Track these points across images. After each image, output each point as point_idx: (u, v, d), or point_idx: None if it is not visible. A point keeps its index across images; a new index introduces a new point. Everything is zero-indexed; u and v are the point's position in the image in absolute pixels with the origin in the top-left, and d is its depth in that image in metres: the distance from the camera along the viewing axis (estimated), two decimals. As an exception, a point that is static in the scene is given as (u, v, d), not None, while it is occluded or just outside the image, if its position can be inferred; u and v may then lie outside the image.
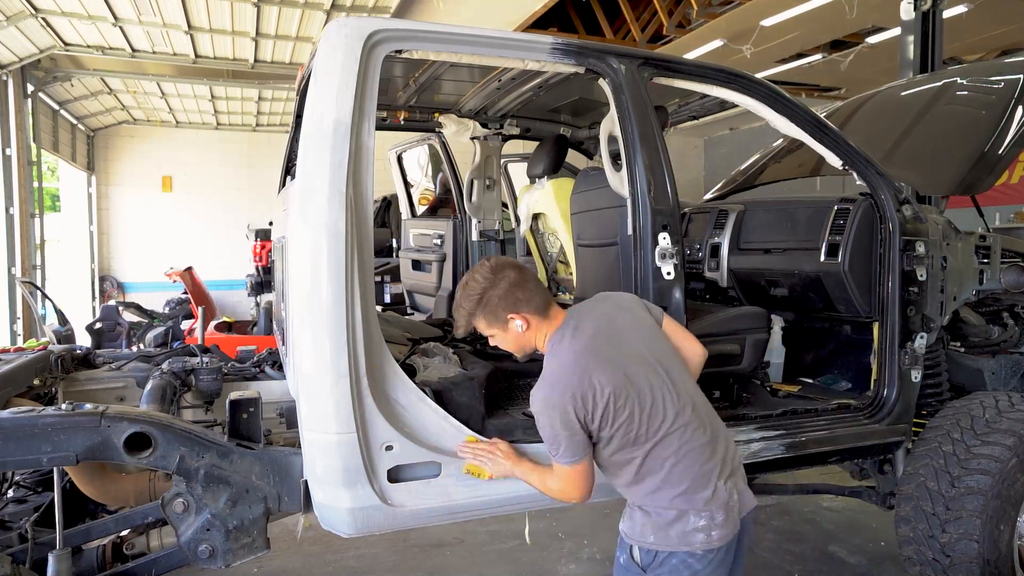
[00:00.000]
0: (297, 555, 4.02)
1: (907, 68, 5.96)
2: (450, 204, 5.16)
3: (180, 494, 2.44)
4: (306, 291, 2.29)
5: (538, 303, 2.22)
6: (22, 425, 2.26)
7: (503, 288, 2.18)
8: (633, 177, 2.65)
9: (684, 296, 2.65)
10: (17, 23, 8.44)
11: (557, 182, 3.91)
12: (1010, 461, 2.85)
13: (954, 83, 3.99)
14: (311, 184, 2.28)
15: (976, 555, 2.79)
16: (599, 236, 3.20)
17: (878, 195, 3.12)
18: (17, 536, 2.55)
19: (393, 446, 2.36)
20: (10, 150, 9.36)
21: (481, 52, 2.58)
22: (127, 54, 10.04)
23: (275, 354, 3.66)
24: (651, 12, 9.69)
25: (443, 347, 3.26)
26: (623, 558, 2.21)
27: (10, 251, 9.40)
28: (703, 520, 2.06)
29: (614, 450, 2.12)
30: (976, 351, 3.73)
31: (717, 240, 3.91)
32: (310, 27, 9.31)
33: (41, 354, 3.24)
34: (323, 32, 2.41)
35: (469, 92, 4.02)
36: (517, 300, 2.19)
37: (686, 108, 4.10)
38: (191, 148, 14.43)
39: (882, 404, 3.11)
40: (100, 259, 14.02)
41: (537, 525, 4.37)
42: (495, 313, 2.21)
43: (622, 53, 2.75)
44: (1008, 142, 3.43)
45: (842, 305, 3.32)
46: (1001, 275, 3.45)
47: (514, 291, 2.19)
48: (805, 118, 3.01)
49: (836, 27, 8.70)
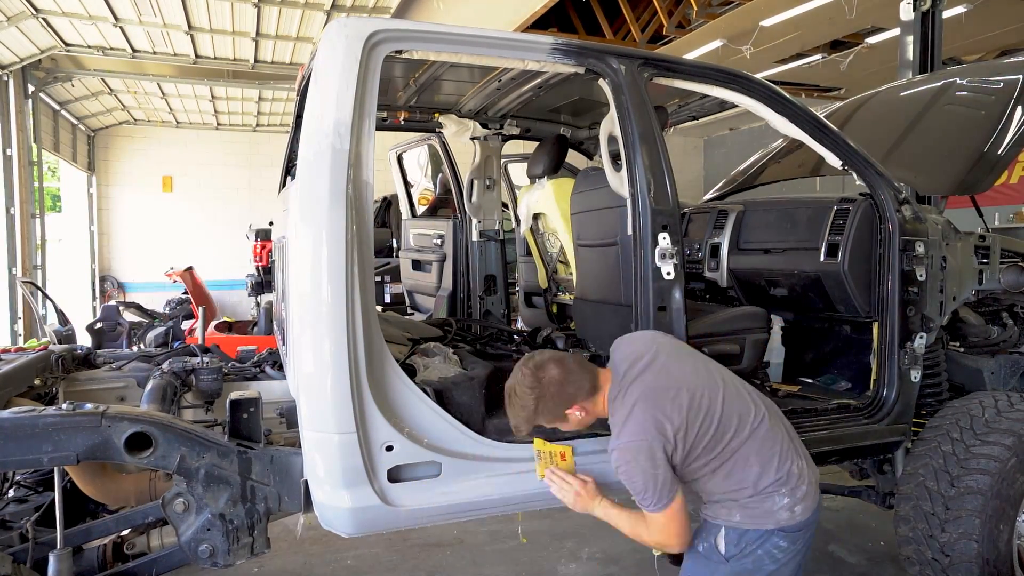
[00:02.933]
0: (297, 555, 4.02)
1: (906, 68, 5.95)
2: (450, 204, 5.16)
3: (180, 494, 2.44)
4: (306, 291, 2.29)
5: (587, 386, 2.26)
6: (23, 425, 2.26)
7: (552, 391, 2.22)
8: (633, 177, 2.65)
9: (684, 296, 2.66)
10: (18, 23, 8.45)
11: (557, 182, 3.91)
12: (1009, 461, 2.85)
13: (953, 83, 3.99)
14: (311, 184, 2.28)
15: (975, 555, 2.79)
16: (599, 236, 3.20)
17: (878, 195, 3.12)
18: (18, 536, 2.55)
19: (393, 446, 2.37)
20: (11, 150, 9.37)
21: (481, 52, 2.58)
22: (127, 54, 10.05)
23: (275, 354, 3.67)
24: (651, 12, 9.68)
25: (443, 347, 3.26)
26: (704, 546, 2.27)
27: (11, 251, 9.40)
28: (786, 498, 2.17)
29: (702, 465, 2.19)
30: (975, 351, 3.73)
31: (717, 240, 3.91)
32: (310, 27, 9.32)
33: (42, 354, 3.24)
34: (323, 32, 2.42)
35: (469, 92, 4.03)
36: (569, 395, 2.24)
37: (686, 108, 4.10)
38: (191, 148, 14.43)
39: (882, 404, 3.11)
40: (101, 259, 14.02)
41: (537, 525, 4.38)
42: (553, 413, 2.26)
43: (622, 53, 2.75)
44: (1007, 142, 3.43)
45: (842, 305, 3.32)
46: (1000, 275, 3.46)
47: (563, 389, 2.23)
48: (805, 118, 3.01)
49: (836, 27, 8.69)
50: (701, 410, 2.15)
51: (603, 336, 3.38)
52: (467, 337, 4.06)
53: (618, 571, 3.86)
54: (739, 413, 2.20)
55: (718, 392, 2.22)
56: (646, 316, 2.63)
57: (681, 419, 2.13)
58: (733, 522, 2.21)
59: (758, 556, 2.19)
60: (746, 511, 2.19)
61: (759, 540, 2.19)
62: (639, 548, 4.08)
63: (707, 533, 2.28)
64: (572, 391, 2.23)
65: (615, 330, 3.07)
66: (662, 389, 2.19)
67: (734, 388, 2.30)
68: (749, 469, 2.17)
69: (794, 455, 2.24)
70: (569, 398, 2.24)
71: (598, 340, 3.52)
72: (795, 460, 2.22)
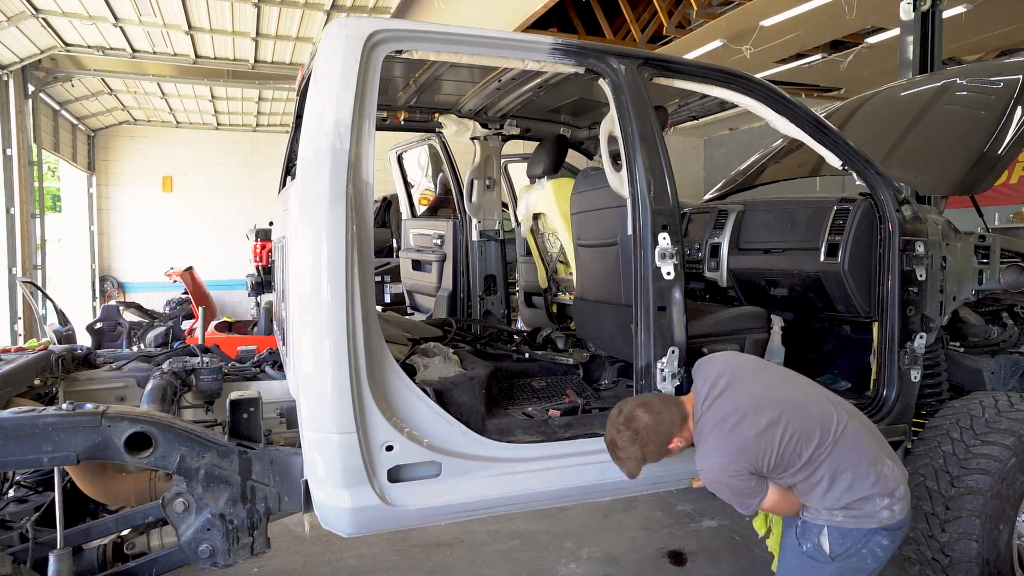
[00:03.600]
0: (297, 555, 4.02)
1: (906, 68, 5.96)
2: (450, 204, 5.16)
3: (180, 494, 2.44)
4: (306, 291, 2.29)
5: (677, 418, 2.33)
6: (23, 425, 2.26)
7: (651, 435, 2.30)
8: (633, 177, 2.65)
9: (684, 296, 2.66)
10: (18, 23, 8.45)
11: (557, 182, 3.91)
12: (1009, 461, 2.85)
13: (953, 83, 3.99)
14: (311, 184, 2.28)
15: (975, 555, 2.79)
16: (599, 236, 3.20)
17: (878, 195, 3.12)
18: (18, 535, 2.55)
19: (393, 446, 2.37)
20: (11, 150, 9.37)
21: (481, 52, 2.58)
22: (127, 54, 10.05)
23: (275, 354, 3.67)
24: (651, 12, 9.69)
25: (443, 347, 3.27)
26: (808, 545, 2.30)
27: (11, 251, 9.40)
28: (885, 499, 2.21)
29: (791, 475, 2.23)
30: (975, 351, 3.73)
31: (717, 240, 3.91)
32: (310, 27, 9.31)
33: (42, 354, 3.24)
34: (323, 32, 2.42)
35: (469, 92, 4.03)
36: (666, 434, 2.32)
37: (686, 108, 4.10)
38: (191, 148, 14.43)
39: (881, 404, 3.11)
40: (100, 259, 14.02)
41: (537, 525, 4.38)
42: (658, 452, 2.34)
43: (622, 53, 2.75)
44: (1007, 142, 3.43)
45: (842, 305, 3.32)
46: (1000, 275, 3.46)
47: (659, 429, 2.30)
48: (805, 118, 3.01)
49: (836, 27, 8.69)
50: (779, 425, 2.20)
51: (603, 336, 3.39)
52: (467, 337, 4.06)
53: (618, 571, 3.86)
54: (821, 423, 2.24)
55: (796, 404, 2.27)
56: (646, 316, 2.62)
57: (759, 438, 2.19)
58: (836, 521, 2.25)
59: (862, 555, 2.24)
60: (847, 512, 2.23)
61: (863, 539, 2.23)
62: (639, 548, 4.09)
63: (810, 533, 2.32)
64: (667, 429, 2.32)
65: (615, 330, 3.08)
66: (739, 410, 2.25)
67: (814, 397, 2.35)
68: (842, 476, 2.21)
69: (884, 457, 2.27)
70: (667, 436, 2.32)
71: (598, 340, 3.53)
72: (884, 462, 2.26)
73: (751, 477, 2.21)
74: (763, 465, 2.21)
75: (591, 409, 3.05)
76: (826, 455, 2.21)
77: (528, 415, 3.00)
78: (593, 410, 3.04)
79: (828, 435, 2.22)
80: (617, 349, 3.28)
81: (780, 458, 2.20)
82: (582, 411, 3.00)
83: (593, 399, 3.27)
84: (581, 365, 3.61)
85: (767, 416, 2.21)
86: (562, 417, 2.93)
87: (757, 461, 2.20)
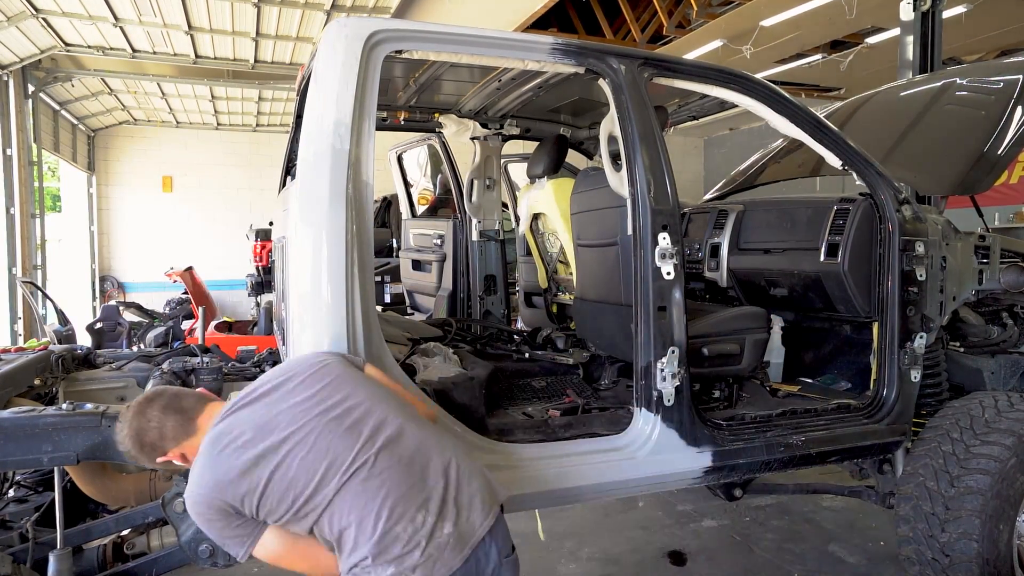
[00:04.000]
0: (297, 555, 4.02)
1: (906, 68, 5.95)
2: (450, 204, 5.16)
3: (181, 493, 2.44)
4: (306, 291, 2.29)
5: (178, 432, 1.97)
6: (23, 425, 2.26)
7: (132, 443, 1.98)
8: (633, 177, 2.65)
9: (684, 296, 2.66)
10: (18, 23, 8.45)
11: (557, 182, 3.91)
12: (1009, 461, 2.84)
13: (953, 83, 3.99)
14: (311, 184, 2.28)
15: (975, 555, 2.79)
16: (599, 236, 3.20)
17: (878, 195, 3.12)
18: (18, 536, 2.54)
19: (393, 446, 2.36)
20: (11, 150, 9.37)
21: (481, 52, 2.58)
22: (127, 54, 10.05)
23: (275, 354, 3.66)
24: (651, 12, 9.70)
25: (443, 347, 3.27)
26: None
27: (11, 251, 9.40)
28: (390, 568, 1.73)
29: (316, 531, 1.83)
30: (975, 351, 3.73)
31: (717, 240, 3.91)
32: (310, 27, 9.32)
33: (42, 354, 3.24)
34: (323, 32, 2.42)
35: (469, 92, 4.03)
36: (150, 445, 1.99)
37: (686, 108, 4.10)
38: (191, 148, 14.44)
39: (882, 404, 3.11)
40: (100, 259, 14.02)
41: (537, 525, 4.37)
42: (148, 460, 2.02)
43: (622, 53, 2.75)
44: (1007, 142, 3.43)
45: (842, 305, 3.32)
46: (1000, 275, 3.45)
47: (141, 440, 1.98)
48: (805, 118, 3.01)
49: (836, 27, 8.70)
50: (276, 455, 1.78)
51: (603, 336, 3.39)
52: (467, 337, 4.06)
53: (618, 571, 3.86)
54: (332, 458, 1.76)
55: (317, 432, 1.82)
56: (646, 316, 2.62)
57: (246, 472, 1.79)
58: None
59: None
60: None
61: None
62: (639, 548, 4.09)
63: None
64: (152, 440, 1.99)
65: (615, 330, 3.08)
66: (238, 433, 1.86)
67: (359, 420, 1.85)
68: (345, 532, 1.74)
69: (417, 507, 1.73)
70: (152, 448, 2.00)
71: (598, 340, 3.53)
72: (415, 515, 1.72)
73: (233, 517, 1.80)
74: (250, 505, 1.77)
75: (591, 409, 3.05)
76: (325, 504, 1.74)
77: (528, 415, 3.00)
78: (593, 410, 3.04)
79: (334, 475, 1.74)
80: (617, 349, 3.28)
81: (266, 499, 1.76)
82: (582, 411, 3.01)
83: (593, 399, 3.27)
84: (581, 365, 3.61)
85: (267, 443, 1.79)
86: (562, 417, 2.93)
87: (239, 500, 1.77)
